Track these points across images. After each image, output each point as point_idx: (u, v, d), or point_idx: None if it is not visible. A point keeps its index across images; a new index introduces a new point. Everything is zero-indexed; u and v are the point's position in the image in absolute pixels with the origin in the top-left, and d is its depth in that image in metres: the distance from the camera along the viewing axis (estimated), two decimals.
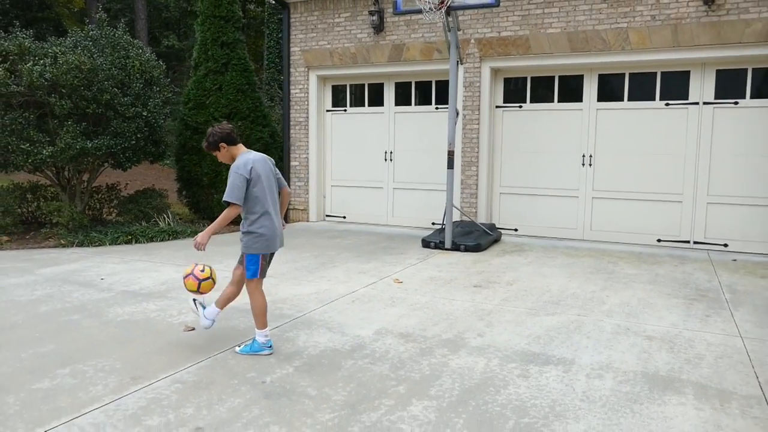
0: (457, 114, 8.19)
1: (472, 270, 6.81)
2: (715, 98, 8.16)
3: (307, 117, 10.43)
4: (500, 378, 3.71)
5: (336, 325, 4.69)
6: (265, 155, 4.33)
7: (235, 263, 7.02)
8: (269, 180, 4.06)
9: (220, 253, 7.59)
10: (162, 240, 8.48)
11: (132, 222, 8.92)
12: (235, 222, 9.97)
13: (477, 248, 7.92)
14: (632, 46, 8.19)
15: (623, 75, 8.60)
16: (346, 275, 6.45)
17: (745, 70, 8.01)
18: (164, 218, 9.01)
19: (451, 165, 7.94)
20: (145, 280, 6.09)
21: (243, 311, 4.95)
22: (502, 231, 9.31)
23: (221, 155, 4.10)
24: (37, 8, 20.64)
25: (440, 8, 7.19)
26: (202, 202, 10.44)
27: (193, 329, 4.51)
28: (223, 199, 3.95)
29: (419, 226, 9.93)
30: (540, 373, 3.78)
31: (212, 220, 10.34)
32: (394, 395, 3.43)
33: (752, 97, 7.99)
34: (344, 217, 10.59)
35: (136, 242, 8.24)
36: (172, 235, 8.59)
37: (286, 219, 4.52)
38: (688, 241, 8.40)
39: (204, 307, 4.26)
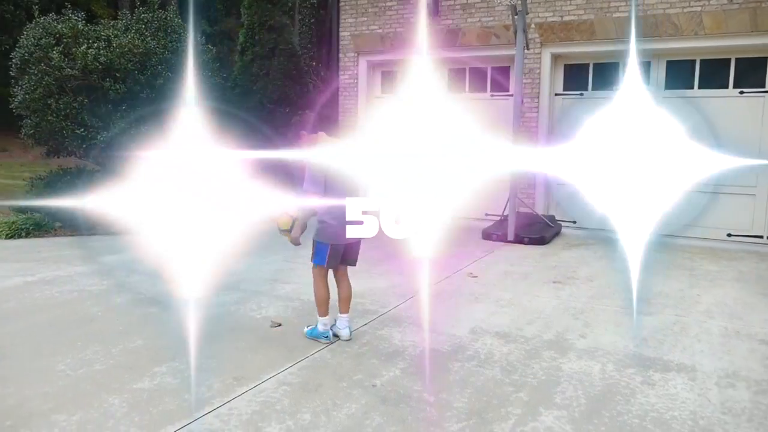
0: (522, 101, 7.88)
1: (543, 264, 6.53)
2: None
3: (356, 103, 10.16)
4: (624, 385, 3.44)
5: (425, 323, 4.44)
6: (345, 145, 4.21)
7: (295, 251, 6.81)
8: (348, 171, 3.91)
9: (280, 243, 7.36)
10: None
11: None
12: None
13: (541, 241, 7.63)
14: (706, 31, 7.79)
15: (694, 62, 8.20)
16: (415, 268, 6.19)
17: None
18: None
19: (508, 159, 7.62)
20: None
21: (332, 308, 4.72)
22: (561, 223, 8.99)
23: (304, 142, 4.00)
24: None
25: None
26: None
27: (280, 325, 4.30)
28: (303, 189, 3.84)
29: (473, 218, 9.63)
30: (664, 381, 3.51)
31: None
32: (518, 403, 3.19)
33: None
34: None
35: None
36: None
37: None
38: (761, 236, 8.03)
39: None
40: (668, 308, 4.97)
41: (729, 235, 8.17)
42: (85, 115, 7.55)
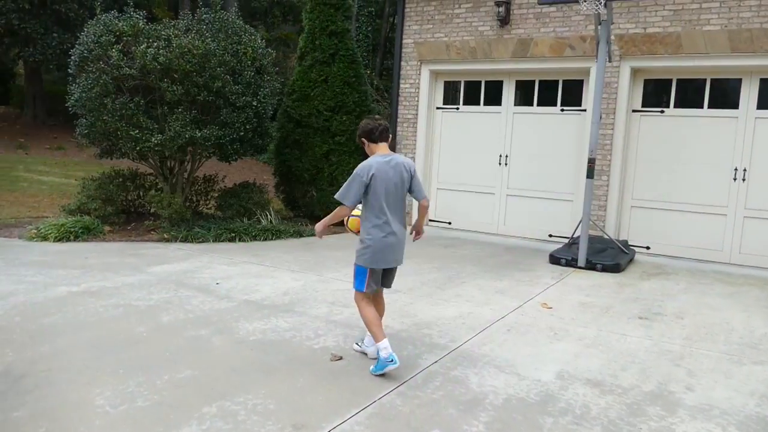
0: (600, 117, 7.27)
1: (622, 296, 5.91)
2: None
3: (416, 114, 9.71)
4: None
5: (504, 363, 3.92)
6: (404, 160, 3.78)
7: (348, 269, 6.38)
8: (396, 188, 3.67)
9: (332, 258, 6.95)
10: (265, 239, 7.95)
11: (232, 217, 8.43)
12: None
13: (615, 268, 6.99)
14: None
15: None
16: (482, 294, 5.68)
17: None
18: (266, 215, 8.48)
19: (591, 174, 7.03)
20: (264, 287, 5.50)
21: (396, 339, 4.25)
22: (634, 249, 8.32)
23: (366, 150, 3.83)
24: None
25: None
26: (300, 199, 9.89)
27: (341, 358, 3.84)
28: (336, 195, 3.67)
29: (535, 238, 9.04)
30: None
31: (310, 218, 9.78)
32: None
33: None
34: (449, 223, 9.81)
35: (239, 240, 7.73)
36: (276, 234, 8.05)
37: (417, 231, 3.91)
38: None
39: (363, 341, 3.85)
40: None
41: None
42: (141, 116, 7.31)
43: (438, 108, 9.81)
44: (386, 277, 3.90)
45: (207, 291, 5.27)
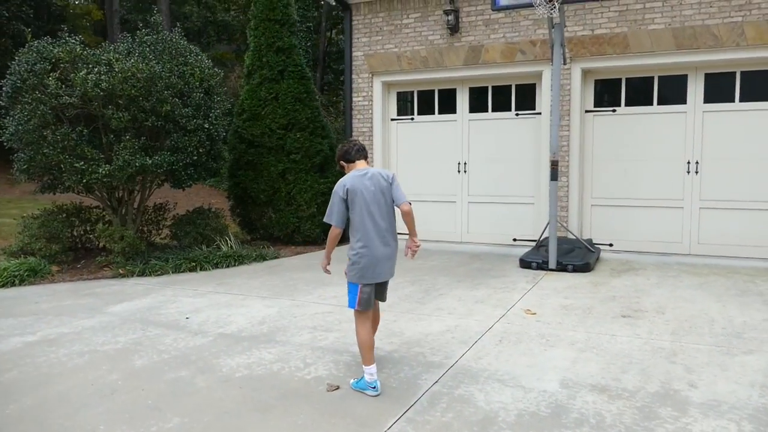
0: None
1: (600, 295, 5.92)
2: None
3: (371, 127, 9.58)
4: None
5: (506, 376, 3.80)
6: (380, 170, 3.73)
7: (321, 290, 6.16)
8: (375, 198, 3.63)
9: (302, 281, 6.69)
10: (228, 266, 7.59)
11: (190, 246, 8.03)
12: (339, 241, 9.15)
13: (585, 268, 7.03)
14: (748, 42, 7.35)
15: (734, 74, 7.74)
16: (463, 306, 5.56)
17: None
18: (226, 241, 8.13)
19: (555, 176, 7.07)
20: (238, 318, 5.20)
21: (390, 361, 4.06)
22: (598, 246, 8.42)
23: (346, 172, 3.82)
24: (54, 20, 19.87)
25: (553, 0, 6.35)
26: (257, 221, 9.57)
27: (338, 388, 3.61)
28: (324, 219, 3.75)
29: (499, 243, 9.03)
30: None
31: (269, 240, 9.47)
32: None
33: None
34: None
35: (200, 269, 7.35)
36: (238, 260, 7.71)
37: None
38: None
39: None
40: (766, 344, 4.37)
41: None
42: (85, 146, 6.86)
43: (393, 119, 9.72)
44: (378, 291, 3.83)
45: (177, 327, 4.92)
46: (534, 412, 3.28)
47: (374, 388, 3.48)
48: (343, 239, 3.97)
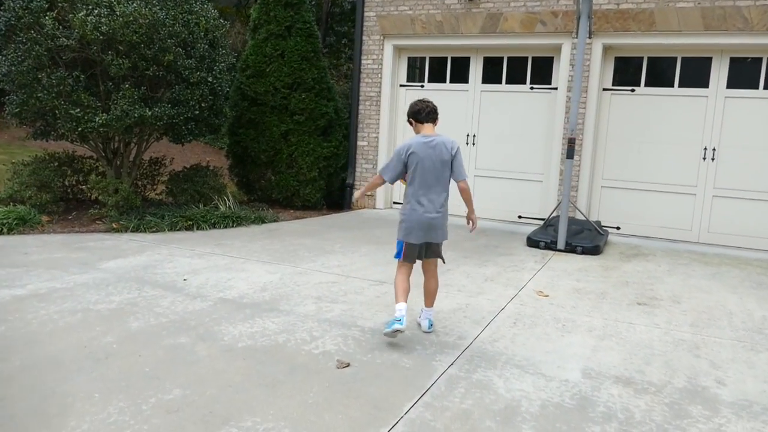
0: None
1: (612, 280, 5.73)
2: None
3: (380, 92, 9.24)
4: None
5: (524, 362, 3.60)
6: (446, 140, 3.74)
7: (323, 258, 5.91)
8: (434, 167, 3.73)
9: (303, 247, 6.45)
10: (225, 227, 7.32)
11: (186, 203, 7.74)
12: (338, 207, 8.86)
13: (595, 251, 6.84)
14: None
15: (760, 60, 7.46)
16: (473, 283, 5.35)
17: None
18: (224, 201, 7.84)
19: (571, 154, 6.81)
20: (238, 282, 4.96)
21: (401, 338, 3.84)
22: (607, 229, 8.23)
23: (414, 130, 3.91)
24: None
25: None
26: (256, 182, 9.27)
27: (348, 365, 3.40)
28: (378, 170, 4.08)
29: (504, 219, 8.82)
30: None
31: (268, 202, 9.19)
32: None
33: None
34: None
35: (197, 228, 7.08)
36: (236, 221, 7.44)
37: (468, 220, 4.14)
38: None
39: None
40: None
41: None
42: (82, 92, 6.49)
43: (402, 85, 9.38)
44: (429, 249, 3.91)
45: (175, 289, 4.68)
46: (558, 403, 3.08)
47: (399, 320, 3.59)
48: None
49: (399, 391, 3.10)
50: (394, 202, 9.61)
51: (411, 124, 3.88)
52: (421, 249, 3.87)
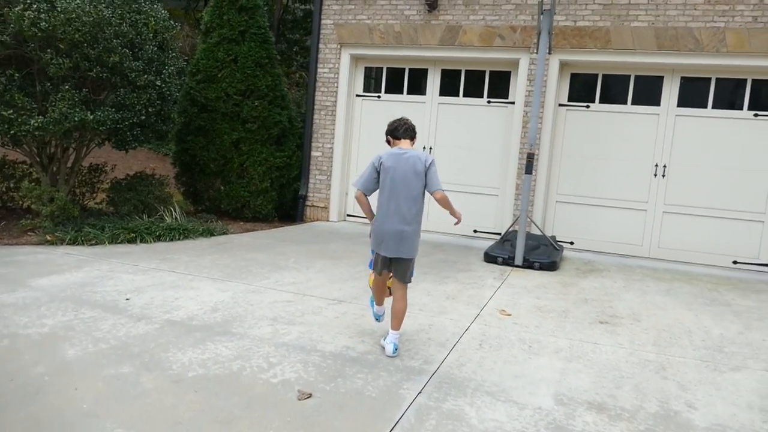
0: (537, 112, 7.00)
1: (571, 297, 5.69)
2: None
3: (335, 101, 9.02)
4: None
5: (494, 388, 3.44)
6: (420, 153, 3.68)
7: (278, 274, 5.63)
8: (405, 179, 3.67)
9: (255, 262, 6.14)
10: (171, 239, 6.92)
11: (129, 214, 7.29)
12: (290, 219, 8.55)
13: (552, 267, 6.81)
14: (728, 48, 7.26)
15: (708, 80, 7.67)
16: (434, 302, 5.19)
17: None
18: (170, 212, 7.43)
19: (529, 170, 6.78)
20: (187, 302, 4.63)
21: (364, 364, 3.62)
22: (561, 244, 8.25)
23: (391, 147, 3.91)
24: None
25: None
26: (204, 192, 8.87)
27: (310, 396, 3.15)
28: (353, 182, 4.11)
29: (459, 233, 8.73)
30: None
31: (217, 213, 8.80)
32: None
33: None
34: None
35: (141, 241, 6.66)
36: (183, 233, 7.05)
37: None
38: None
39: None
40: (749, 360, 4.22)
41: (735, 262, 7.68)
42: (16, 93, 6.00)
43: (358, 95, 9.20)
44: (395, 267, 3.79)
45: (116, 310, 4.31)
46: None
47: (377, 320, 4.08)
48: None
49: (366, 425, 2.88)
50: (348, 215, 9.40)
51: (389, 143, 3.87)
52: (390, 262, 3.79)
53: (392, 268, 3.81)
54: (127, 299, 4.56)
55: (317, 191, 9.20)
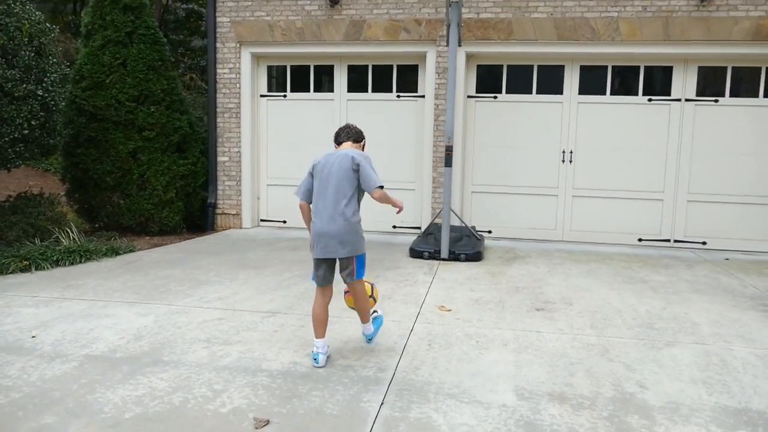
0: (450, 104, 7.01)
1: (502, 286, 5.75)
2: (697, 95, 7.92)
3: (239, 103, 8.59)
4: None
5: (455, 389, 3.34)
6: (352, 152, 3.67)
7: (200, 291, 5.20)
8: (330, 177, 3.59)
9: (172, 279, 5.68)
10: (72, 263, 6.25)
11: (17, 240, 6.51)
12: (200, 230, 7.90)
13: (477, 257, 6.88)
14: (622, 37, 7.65)
15: (606, 68, 8.05)
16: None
17: (725, 68, 7.85)
18: (67, 233, 6.73)
19: (449, 162, 6.79)
20: (105, 332, 4.15)
21: (318, 379, 3.38)
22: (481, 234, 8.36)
23: None
24: None
25: None
26: (101, 207, 8.14)
27: (268, 422, 2.88)
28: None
29: (379, 230, 8.63)
30: None
31: (117, 230, 8.11)
32: None
33: (731, 95, 7.86)
34: (284, 222, 8.93)
35: (37, 269, 5.95)
36: (84, 255, 6.40)
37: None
38: (668, 240, 8.11)
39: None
40: (679, 334, 4.43)
41: (640, 240, 8.15)
42: None
43: (263, 96, 8.82)
44: (340, 268, 3.69)
45: (23, 350, 3.77)
46: None
47: (315, 359, 3.61)
48: None
49: None
50: (262, 220, 9.01)
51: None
52: (329, 267, 3.69)
53: (337, 273, 3.71)
54: (33, 337, 4.02)
55: (227, 198, 8.74)
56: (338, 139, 3.85)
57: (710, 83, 7.91)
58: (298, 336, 4.16)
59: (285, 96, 8.76)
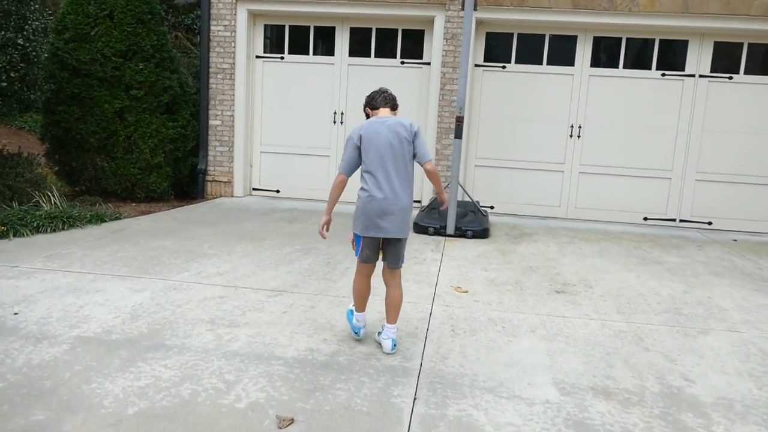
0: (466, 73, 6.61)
1: (515, 266, 5.47)
2: (711, 71, 7.63)
3: (234, 64, 8.08)
4: None
5: (492, 383, 3.05)
6: (403, 120, 3.35)
7: (197, 264, 4.83)
8: (390, 147, 3.24)
9: (166, 251, 5.28)
10: (54, 230, 5.80)
11: None
12: (189, 197, 7.38)
13: (484, 234, 6.60)
14: (640, 8, 7.30)
15: (620, 40, 7.71)
16: (381, 284, 4.69)
17: (741, 45, 7.56)
18: (48, 197, 6.26)
19: (459, 134, 6.43)
20: (96, 309, 3.77)
21: (339, 369, 3.06)
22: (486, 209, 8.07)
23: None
24: None
25: None
26: (83, 170, 7.63)
27: (293, 421, 2.57)
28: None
29: None
30: None
31: (101, 194, 7.63)
32: None
33: (746, 72, 7.59)
34: (278, 191, 8.52)
35: (15, 235, 5.50)
36: (67, 222, 5.95)
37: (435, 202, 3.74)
38: (674, 219, 7.91)
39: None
40: (710, 320, 4.23)
41: (645, 218, 7.93)
42: None
43: (258, 57, 8.31)
44: (387, 251, 3.37)
45: (5, 330, 3.38)
46: None
47: (357, 333, 3.47)
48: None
49: None
50: (254, 188, 8.59)
51: (368, 116, 3.45)
52: (378, 244, 3.37)
53: (385, 254, 3.39)
54: (15, 314, 3.62)
55: (218, 164, 8.28)
56: (373, 104, 3.45)
57: (725, 59, 7.62)
58: (310, 318, 3.83)
59: (282, 58, 8.27)
